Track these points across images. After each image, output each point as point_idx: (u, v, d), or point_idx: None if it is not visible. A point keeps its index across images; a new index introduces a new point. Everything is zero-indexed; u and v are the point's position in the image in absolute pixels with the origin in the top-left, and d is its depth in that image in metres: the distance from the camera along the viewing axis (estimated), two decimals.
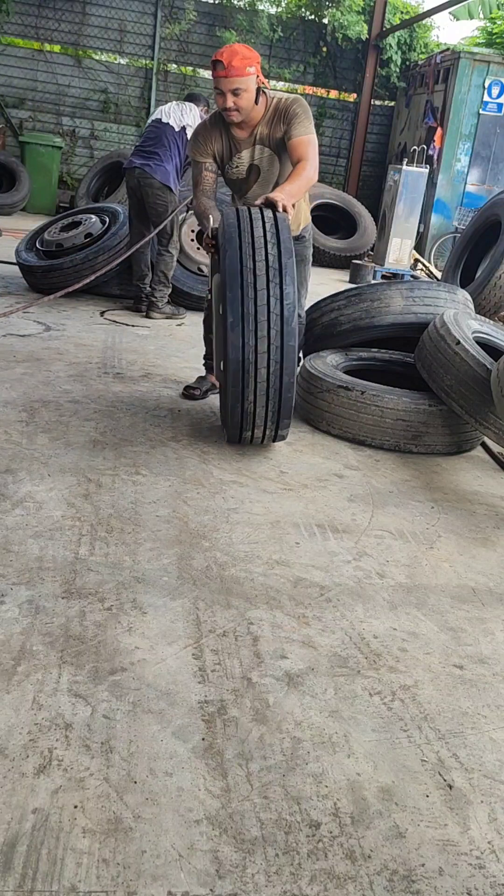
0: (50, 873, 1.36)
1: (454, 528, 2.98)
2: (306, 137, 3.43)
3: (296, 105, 3.49)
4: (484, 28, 14.42)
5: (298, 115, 3.46)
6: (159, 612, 2.16)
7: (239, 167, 3.62)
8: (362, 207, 10.96)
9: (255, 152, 3.57)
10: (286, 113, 3.46)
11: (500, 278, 5.95)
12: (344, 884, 1.41)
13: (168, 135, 5.68)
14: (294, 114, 3.46)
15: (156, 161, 5.66)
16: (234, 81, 3.32)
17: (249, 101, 3.39)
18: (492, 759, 1.77)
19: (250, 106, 3.41)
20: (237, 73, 3.31)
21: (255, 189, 3.66)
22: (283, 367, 3.08)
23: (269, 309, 3.02)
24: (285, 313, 3.03)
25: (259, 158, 3.58)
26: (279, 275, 3.04)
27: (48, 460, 3.08)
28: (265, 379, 3.09)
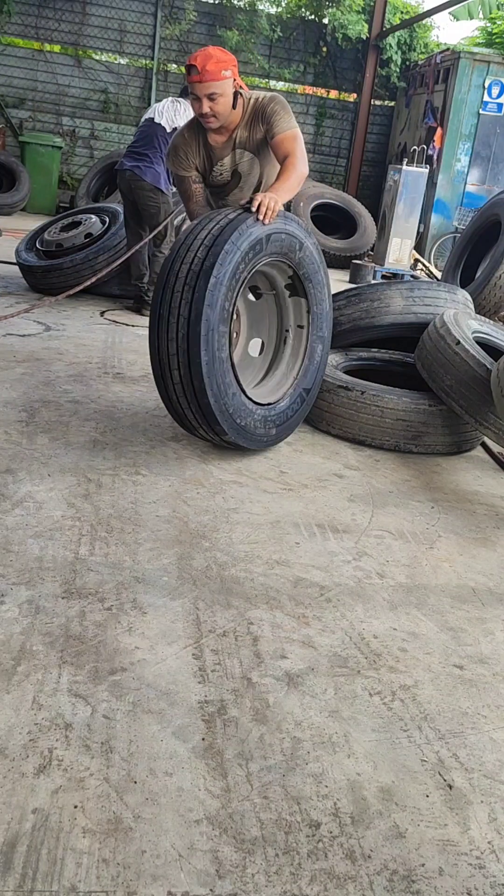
0: (50, 873, 1.36)
1: (454, 528, 2.98)
2: (290, 133, 3.32)
3: (273, 103, 3.37)
4: (484, 28, 14.43)
5: (277, 112, 3.35)
6: (159, 612, 2.16)
7: (223, 174, 3.52)
8: (362, 207, 10.97)
9: (236, 157, 3.47)
10: (264, 113, 3.35)
11: (500, 278, 5.95)
12: (344, 884, 1.41)
13: (159, 135, 5.63)
14: (273, 112, 3.35)
15: (146, 163, 5.64)
16: (209, 86, 3.19)
17: (226, 106, 3.27)
18: (492, 759, 1.77)
19: (227, 111, 3.29)
20: (212, 78, 3.18)
21: (236, 193, 3.57)
22: (191, 370, 3.00)
23: (179, 312, 2.98)
24: (192, 316, 2.96)
25: (240, 163, 3.48)
26: (196, 279, 2.96)
27: (48, 460, 3.08)
28: (179, 381, 3.08)
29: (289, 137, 3.32)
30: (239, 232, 2.99)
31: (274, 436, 3.41)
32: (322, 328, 3.54)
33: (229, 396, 3.09)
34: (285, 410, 3.43)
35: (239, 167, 3.48)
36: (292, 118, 3.37)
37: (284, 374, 3.52)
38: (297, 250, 3.29)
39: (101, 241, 6.07)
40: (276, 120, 3.33)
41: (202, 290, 2.93)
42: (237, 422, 3.17)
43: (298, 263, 3.32)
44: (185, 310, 2.96)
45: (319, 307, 3.50)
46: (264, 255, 3.16)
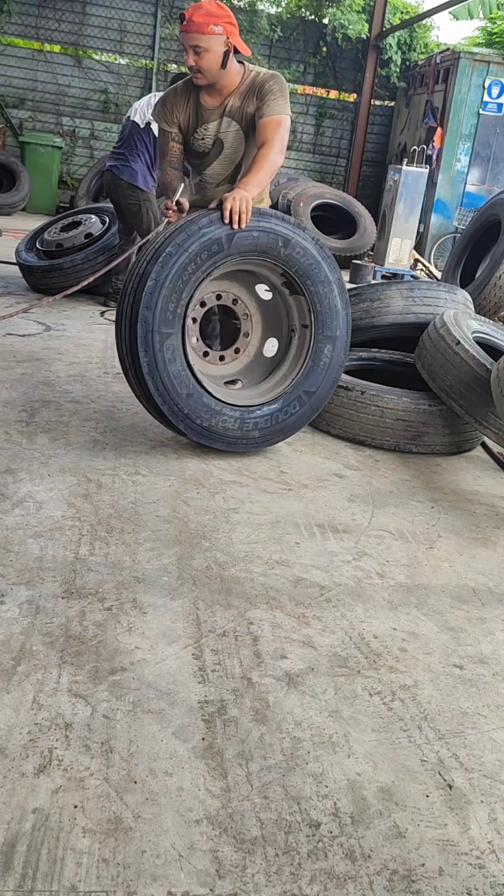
0: (50, 873, 1.36)
1: (454, 528, 2.98)
2: (277, 118, 3.17)
3: (272, 81, 3.22)
4: (484, 28, 14.42)
5: (274, 91, 3.20)
6: (159, 612, 2.16)
7: (204, 139, 3.35)
8: (362, 207, 10.97)
9: (223, 125, 3.30)
10: (262, 88, 3.20)
11: (500, 278, 5.95)
12: (344, 884, 1.41)
13: (133, 132, 5.60)
14: (269, 90, 3.20)
15: (123, 161, 5.62)
16: (193, 38, 3.06)
17: (212, 63, 3.11)
18: (492, 759, 1.77)
19: (214, 69, 3.13)
20: (196, 30, 3.05)
21: (214, 166, 3.40)
22: (136, 372, 3.07)
23: (125, 314, 3.03)
24: (132, 318, 3.00)
25: (225, 132, 3.31)
26: (138, 281, 2.99)
27: (48, 460, 3.08)
28: (134, 382, 3.16)
29: (273, 123, 3.17)
30: (187, 234, 2.98)
31: (258, 438, 3.33)
32: (331, 327, 3.37)
33: (182, 397, 3.10)
34: (275, 413, 3.32)
35: (223, 137, 3.32)
36: (287, 102, 3.24)
37: (284, 374, 3.45)
38: (282, 247, 3.16)
39: (101, 241, 6.07)
40: (270, 100, 3.19)
41: (139, 293, 2.98)
42: (197, 422, 3.17)
43: (287, 261, 3.21)
44: (129, 312, 3.03)
45: (325, 305, 3.33)
46: (231, 256, 3.08)
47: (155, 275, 2.96)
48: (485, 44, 13.49)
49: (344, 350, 3.41)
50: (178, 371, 3.09)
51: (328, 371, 3.41)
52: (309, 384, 3.39)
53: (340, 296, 3.36)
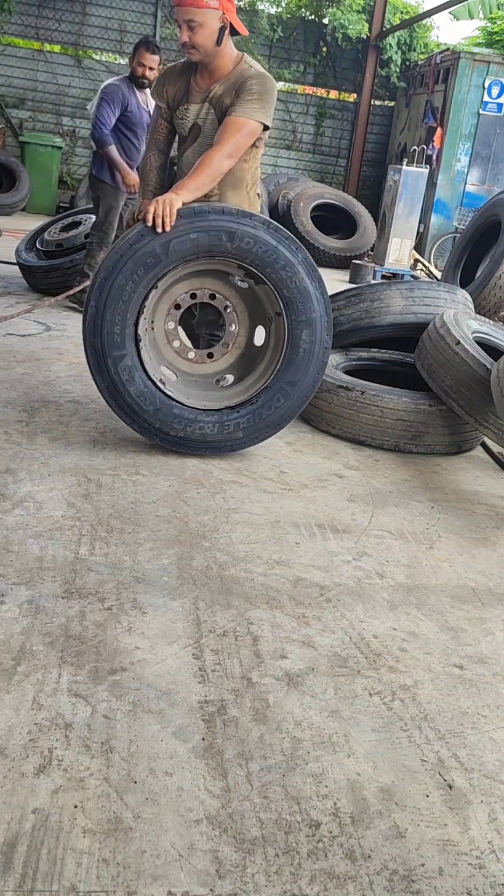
0: (50, 873, 1.36)
1: (454, 528, 2.98)
2: (241, 121, 3.00)
3: (256, 80, 3.04)
4: (484, 28, 14.42)
5: (252, 91, 3.02)
6: (159, 611, 2.16)
7: (184, 120, 3.23)
8: (362, 207, 10.97)
9: (203, 110, 3.17)
10: (243, 84, 3.04)
11: (500, 278, 5.95)
12: (344, 884, 1.41)
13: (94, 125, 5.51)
14: (248, 89, 3.02)
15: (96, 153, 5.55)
16: (187, 12, 2.92)
17: (207, 39, 2.98)
18: (492, 759, 1.77)
19: (210, 45, 3.00)
20: (191, 3, 2.91)
21: (188, 154, 3.27)
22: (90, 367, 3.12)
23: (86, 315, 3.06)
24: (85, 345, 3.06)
25: (203, 119, 3.18)
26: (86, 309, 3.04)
27: (48, 460, 3.08)
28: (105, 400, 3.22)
29: (234, 125, 3.01)
30: (118, 254, 2.96)
31: (243, 439, 3.28)
32: (305, 310, 3.13)
33: (150, 413, 3.14)
34: (257, 411, 3.23)
35: (201, 123, 3.19)
36: (263, 108, 3.05)
37: (265, 367, 3.30)
38: (227, 241, 3.00)
39: None
40: (244, 99, 3.03)
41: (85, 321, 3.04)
42: (172, 434, 3.19)
43: (237, 254, 3.04)
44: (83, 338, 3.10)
45: (293, 289, 3.11)
46: (173, 264, 3.00)
47: (94, 301, 2.99)
48: (485, 44, 13.49)
49: (326, 331, 3.19)
50: (140, 389, 3.10)
51: (310, 357, 3.20)
52: (291, 374, 3.21)
53: (309, 276, 3.13)
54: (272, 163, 13.03)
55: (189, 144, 3.26)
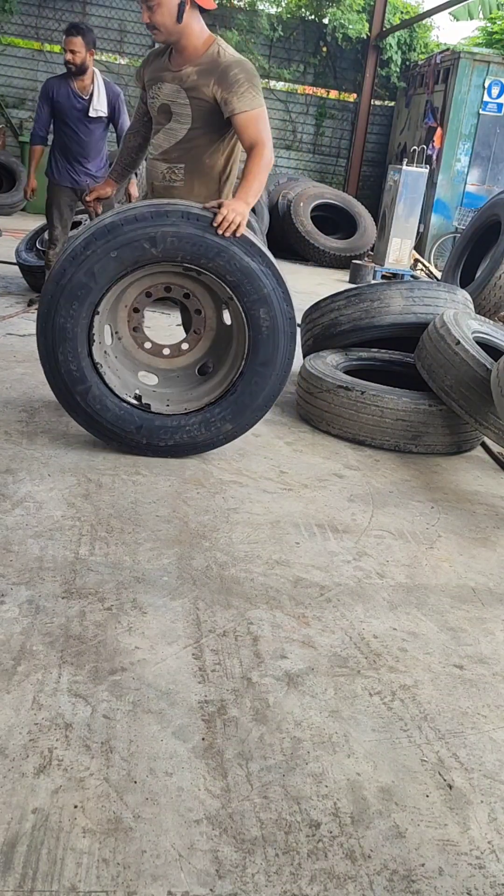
0: (50, 873, 1.36)
1: (454, 528, 2.98)
2: (255, 113, 2.97)
3: (239, 69, 2.96)
4: (484, 28, 14.42)
5: (241, 82, 2.94)
6: (159, 611, 2.16)
7: (154, 100, 3.15)
8: (362, 207, 10.97)
9: (174, 93, 3.07)
10: (226, 75, 2.95)
11: (500, 278, 5.95)
12: (344, 884, 1.41)
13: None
14: (235, 81, 2.94)
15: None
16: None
17: (166, 17, 2.93)
18: (492, 759, 1.77)
19: (170, 23, 2.94)
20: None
21: (160, 137, 3.17)
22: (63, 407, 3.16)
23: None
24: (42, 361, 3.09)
25: (173, 101, 3.08)
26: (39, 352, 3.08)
27: (48, 460, 3.08)
28: None
29: (254, 119, 2.97)
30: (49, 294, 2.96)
31: (232, 430, 3.23)
32: (255, 289, 3.00)
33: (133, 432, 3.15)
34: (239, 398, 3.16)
35: (171, 105, 3.10)
36: (259, 92, 3.01)
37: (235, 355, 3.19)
38: (151, 247, 2.91)
39: None
40: (240, 93, 2.94)
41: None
42: (162, 445, 3.19)
43: (165, 256, 2.95)
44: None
45: (235, 271, 2.97)
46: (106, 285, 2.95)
47: (43, 346, 3.03)
48: (485, 44, 13.49)
49: (284, 302, 3.05)
50: (116, 414, 3.11)
51: (275, 333, 3.07)
52: (261, 355, 3.11)
53: (248, 254, 2.97)
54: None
55: (160, 124, 3.17)
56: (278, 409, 4.11)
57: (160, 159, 3.20)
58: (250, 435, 3.67)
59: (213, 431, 3.22)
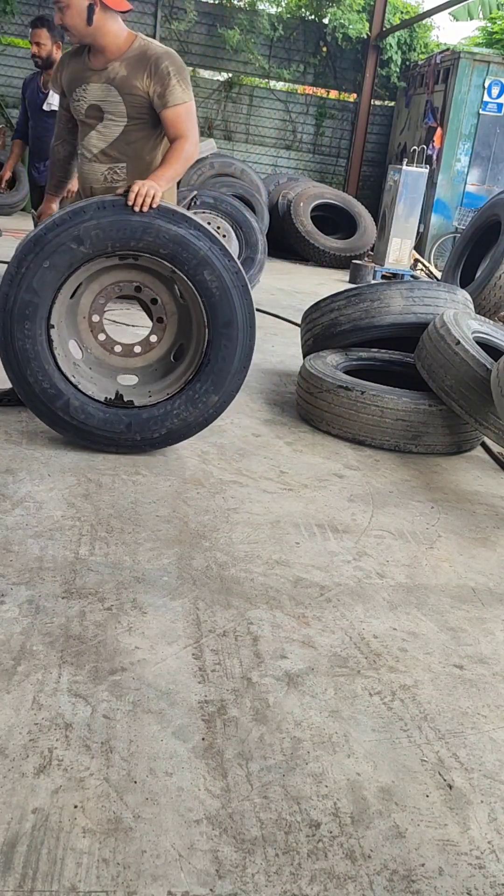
0: (50, 873, 1.36)
1: (454, 528, 2.98)
2: (184, 107, 2.99)
3: (169, 61, 2.97)
4: (484, 28, 14.43)
5: (171, 75, 2.96)
6: (159, 611, 2.16)
7: (80, 101, 3.09)
8: (362, 207, 10.97)
9: (103, 91, 3.04)
10: (156, 67, 2.96)
11: (500, 278, 5.95)
12: (344, 884, 1.41)
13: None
14: (166, 73, 2.95)
15: None
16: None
17: (76, 20, 2.93)
18: (492, 759, 1.77)
19: (80, 25, 2.94)
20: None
21: (93, 137, 3.12)
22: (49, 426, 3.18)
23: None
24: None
25: (104, 100, 3.05)
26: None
27: (48, 460, 3.08)
28: None
29: (182, 114, 2.99)
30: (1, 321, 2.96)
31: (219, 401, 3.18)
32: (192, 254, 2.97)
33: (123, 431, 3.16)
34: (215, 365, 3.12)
35: (102, 104, 3.06)
36: (188, 85, 3.02)
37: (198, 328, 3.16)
38: (79, 246, 2.91)
39: None
40: (171, 86, 2.97)
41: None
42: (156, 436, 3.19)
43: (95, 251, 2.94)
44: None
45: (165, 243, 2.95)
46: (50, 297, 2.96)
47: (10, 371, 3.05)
48: (485, 44, 13.50)
49: (224, 258, 3.01)
50: (102, 418, 3.12)
51: (227, 291, 3.03)
52: (221, 317, 3.07)
53: (173, 222, 2.94)
54: (272, 163, 13.04)
55: (91, 127, 3.11)
56: (278, 409, 4.11)
57: (98, 161, 3.15)
58: (250, 435, 3.67)
59: (201, 407, 3.18)
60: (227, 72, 12.85)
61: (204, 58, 12.54)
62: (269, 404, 4.19)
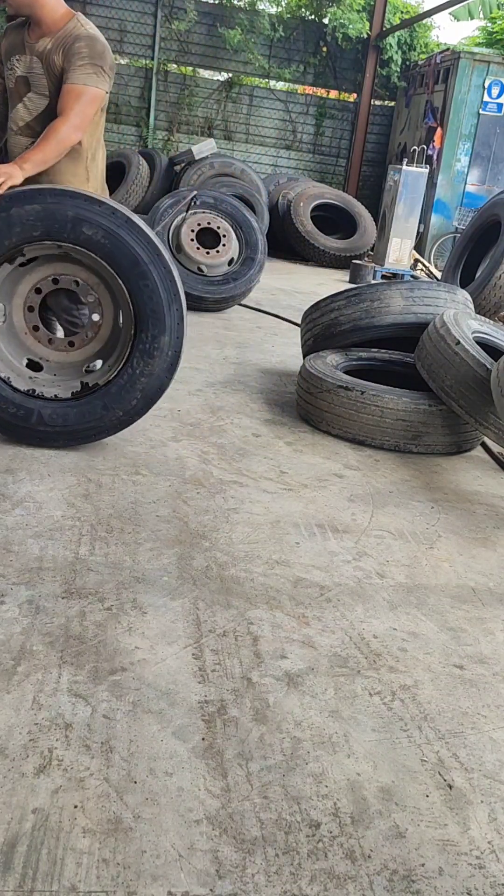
0: (50, 873, 1.36)
1: (454, 528, 2.98)
2: (79, 88, 2.90)
3: (84, 42, 2.91)
4: (484, 28, 14.43)
5: (82, 55, 2.89)
6: (159, 611, 2.17)
7: (11, 71, 3.08)
8: (362, 207, 10.97)
9: (31, 63, 3.02)
10: (71, 46, 2.91)
11: (500, 278, 5.95)
12: (344, 884, 1.41)
13: None
14: (77, 52, 2.89)
15: None
16: None
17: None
18: (492, 759, 1.77)
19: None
20: None
21: (19, 110, 3.10)
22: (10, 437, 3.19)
23: None
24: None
25: (31, 73, 3.04)
26: None
27: (48, 460, 3.08)
28: None
29: (72, 92, 2.90)
30: None
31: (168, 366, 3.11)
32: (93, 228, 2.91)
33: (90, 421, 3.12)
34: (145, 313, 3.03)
35: (29, 77, 3.05)
36: (98, 74, 2.94)
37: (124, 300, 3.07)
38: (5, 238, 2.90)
39: None
40: (77, 65, 2.91)
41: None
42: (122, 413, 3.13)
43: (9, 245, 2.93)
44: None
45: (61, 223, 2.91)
46: None
47: None
48: (485, 44, 13.50)
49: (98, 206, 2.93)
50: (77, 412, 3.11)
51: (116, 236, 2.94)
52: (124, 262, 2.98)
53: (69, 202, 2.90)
54: (272, 163, 13.03)
55: (19, 97, 3.11)
56: (278, 409, 4.11)
57: (21, 134, 3.13)
58: (250, 435, 3.67)
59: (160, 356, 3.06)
60: (227, 72, 12.84)
61: (204, 58, 12.53)
62: (269, 404, 4.19)
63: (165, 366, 3.15)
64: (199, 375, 4.56)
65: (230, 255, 6.40)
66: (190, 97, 12.68)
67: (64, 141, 2.93)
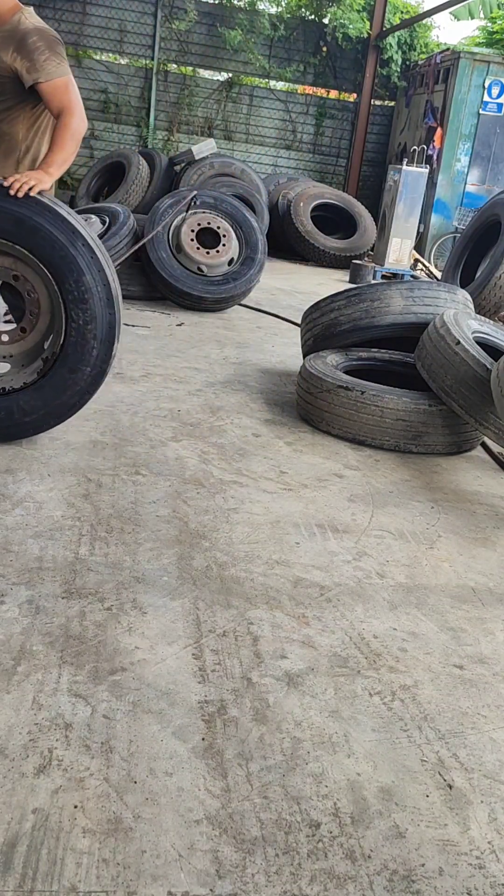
0: (50, 873, 1.36)
1: (454, 528, 2.98)
2: (62, 81, 2.88)
3: (37, 36, 2.86)
4: (484, 28, 14.42)
5: (41, 50, 2.85)
6: (159, 612, 2.17)
7: None
8: (362, 207, 10.97)
9: None
10: (23, 41, 2.85)
11: (500, 278, 5.95)
12: (344, 884, 1.41)
13: None
14: (35, 48, 2.84)
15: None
16: None
17: None
18: (492, 759, 1.77)
19: None
20: None
21: None
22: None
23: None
24: None
25: None
26: None
27: (48, 460, 3.08)
28: None
29: (60, 88, 2.88)
30: None
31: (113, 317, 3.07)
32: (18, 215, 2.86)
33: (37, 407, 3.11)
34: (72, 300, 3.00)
35: None
36: (62, 60, 2.93)
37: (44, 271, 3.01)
38: None
39: (102, 240, 6.06)
40: (41, 61, 2.87)
41: None
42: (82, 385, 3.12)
43: None
44: None
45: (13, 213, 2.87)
46: None
47: None
48: (485, 44, 13.49)
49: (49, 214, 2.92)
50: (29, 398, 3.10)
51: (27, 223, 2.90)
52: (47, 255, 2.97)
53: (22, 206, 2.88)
54: (272, 163, 13.04)
55: None
56: (278, 409, 4.11)
57: None
58: (250, 435, 3.67)
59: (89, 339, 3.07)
60: (227, 72, 12.84)
61: (204, 58, 12.53)
62: (269, 404, 4.19)
63: (102, 302, 3.06)
64: (198, 375, 4.56)
65: (230, 255, 6.40)
66: (190, 97, 12.68)
67: (77, 133, 2.93)
